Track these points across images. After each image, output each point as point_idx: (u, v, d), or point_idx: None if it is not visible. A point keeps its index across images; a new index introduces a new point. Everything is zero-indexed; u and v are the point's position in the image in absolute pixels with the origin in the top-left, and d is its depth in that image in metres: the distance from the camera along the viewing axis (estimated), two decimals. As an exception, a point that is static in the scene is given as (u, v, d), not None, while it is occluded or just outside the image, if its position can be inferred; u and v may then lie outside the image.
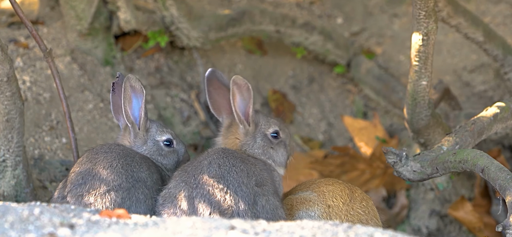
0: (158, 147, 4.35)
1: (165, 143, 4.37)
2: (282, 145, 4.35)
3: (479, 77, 5.85)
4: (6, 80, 4.41)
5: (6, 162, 4.55)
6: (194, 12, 5.59)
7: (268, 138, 4.32)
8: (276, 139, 4.34)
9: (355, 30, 6.17)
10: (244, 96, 4.28)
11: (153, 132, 4.36)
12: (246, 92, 4.26)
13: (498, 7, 6.03)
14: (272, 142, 4.32)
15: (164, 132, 4.38)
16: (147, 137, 4.35)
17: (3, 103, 4.46)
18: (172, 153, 4.40)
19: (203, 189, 3.98)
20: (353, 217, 4.34)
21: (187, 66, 5.80)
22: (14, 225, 3.24)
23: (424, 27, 4.44)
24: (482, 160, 4.12)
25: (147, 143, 4.35)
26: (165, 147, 4.37)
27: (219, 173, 4.01)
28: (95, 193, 4.04)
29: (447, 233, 5.52)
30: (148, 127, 4.35)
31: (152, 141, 4.36)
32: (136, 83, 4.25)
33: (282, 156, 4.35)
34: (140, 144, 4.35)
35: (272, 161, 4.31)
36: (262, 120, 4.36)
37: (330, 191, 4.33)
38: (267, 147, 4.32)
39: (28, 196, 4.64)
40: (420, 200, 5.55)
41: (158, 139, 4.37)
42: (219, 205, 3.95)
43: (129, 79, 4.25)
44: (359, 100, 5.98)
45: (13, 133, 4.52)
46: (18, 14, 4.55)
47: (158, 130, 4.37)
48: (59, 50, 5.39)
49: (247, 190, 4.00)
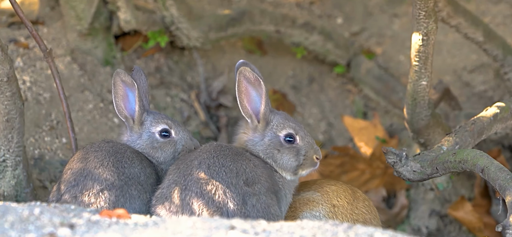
0: (152, 139, 4.29)
1: (162, 133, 4.30)
2: (293, 151, 4.19)
3: (479, 78, 5.85)
4: (6, 80, 4.41)
5: (6, 162, 4.55)
6: (194, 12, 5.59)
7: (279, 139, 4.20)
8: (290, 143, 4.20)
9: (355, 30, 6.17)
10: (258, 91, 4.19)
11: (148, 124, 4.30)
12: (258, 87, 4.18)
13: (498, 7, 6.03)
14: (282, 145, 4.20)
15: (160, 122, 4.28)
16: (142, 130, 4.30)
17: (3, 104, 4.45)
18: (168, 144, 4.30)
19: (192, 191, 3.98)
20: (358, 216, 4.33)
21: (187, 66, 5.80)
22: (14, 225, 3.24)
23: (424, 27, 4.44)
24: (482, 160, 4.12)
25: (142, 137, 4.30)
26: (161, 138, 4.30)
27: (208, 174, 4.00)
28: (89, 193, 4.03)
29: (447, 233, 5.52)
30: (144, 120, 4.30)
31: (147, 133, 4.31)
32: (126, 77, 4.20)
33: (288, 162, 4.19)
34: (135, 138, 4.30)
35: (274, 162, 4.20)
36: (277, 119, 4.22)
37: (334, 191, 4.32)
38: (273, 148, 4.19)
39: (28, 196, 4.64)
40: (420, 200, 5.55)
41: (153, 130, 4.31)
42: (208, 206, 3.94)
43: (118, 74, 4.21)
44: (359, 100, 5.98)
45: (13, 133, 4.52)
46: (18, 14, 4.55)
47: (154, 121, 4.29)
48: (59, 50, 5.39)
49: (236, 190, 3.98)
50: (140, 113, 4.26)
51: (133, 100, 4.23)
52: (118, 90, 4.21)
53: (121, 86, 4.22)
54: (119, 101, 4.23)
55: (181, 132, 4.33)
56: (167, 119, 4.32)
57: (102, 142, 4.24)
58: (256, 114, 4.19)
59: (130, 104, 4.25)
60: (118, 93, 4.21)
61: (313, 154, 4.22)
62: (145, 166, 4.18)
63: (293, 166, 4.20)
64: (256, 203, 3.97)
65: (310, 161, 4.21)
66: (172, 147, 4.30)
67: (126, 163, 4.11)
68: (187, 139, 4.33)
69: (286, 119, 4.25)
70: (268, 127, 4.21)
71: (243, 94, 4.16)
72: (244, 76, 4.15)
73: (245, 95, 4.17)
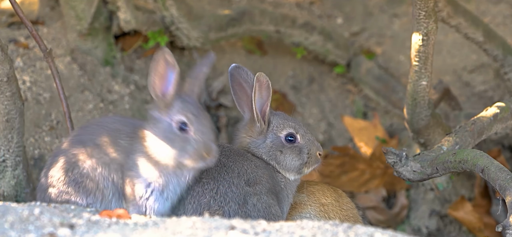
0: (171, 129, 3.99)
1: (181, 126, 3.99)
2: (296, 150, 4.18)
3: (479, 78, 5.85)
4: (6, 81, 4.41)
5: (6, 162, 4.55)
6: (194, 12, 5.59)
7: (280, 140, 4.19)
8: (291, 143, 4.20)
9: (355, 30, 6.17)
10: (263, 95, 4.19)
11: (174, 110, 4.00)
12: (266, 91, 4.18)
13: (498, 7, 6.03)
14: (284, 145, 4.19)
15: (181, 112, 3.97)
16: (166, 114, 4.00)
17: (3, 104, 4.46)
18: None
19: (193, 190, 3.98)
20: (347, 212, 4.34)
21: (187, 66, 5.80)
22: (14, 225, 3.24)
23: (424, 27, 4.44)
24: (482, 160, 4.12)
25: (162, 122, 4.01)
26: (178, 130, 3.97)
27: (209, 174, 4.00)
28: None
29: (447, 233, 5.52)
30: (173, 104, 4.01)
31: (167, 121, 4.11)
32: (170, 57, 3.97)
33: (291, 162, 4.17)
34: (161, 121, 4.01)
35: (277, 163, 4.18)
36: (276, 120, 4.22)
37: (319, 190, 4.32)
38: (275, 149, 4.18)
39: (28, 196, 4.64)
40: (420, 200, 5.55)
41: (174, 118, 4.08)
42: (209, 205, 3.95)
43: (163, 52, 3.95)
44: (359, 100, 5.98)
45: (13, 133, 4.52)
46: (18, 14, 4.55)
47: (180, 109, 3.98)
48: (59, 50, 5.39)
49: (237, 190, 3.98)
50: (172, 97, 4.00)
51: (170, 82, 4.02)
52: (158, 68, 3.99)
53: (163, 65, 3.99)
54: (156, 79, 4.00)
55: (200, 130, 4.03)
56: (189, 112, 4.00)
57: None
58: (263, 116, 4.20)
59: (166, 84, 4.03)
60: (158, 71, 3.98)
61: (315, 151, 4.23)
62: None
63: (297, 165, 4.19)
64: (257, 202, 3.98)
65: (313, 158, 4.22)
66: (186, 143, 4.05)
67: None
68: (207, 139, 4.04)
69: (285, 118, 4.25)
70: (269, 128, 4.21)
71: (256, 99, 4.15)
72: (258, 81, 4.15)
73: (256, 99, 4.18)
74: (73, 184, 4.00)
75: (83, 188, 4.00)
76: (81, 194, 4.00)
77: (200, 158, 3.87)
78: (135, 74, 5.61)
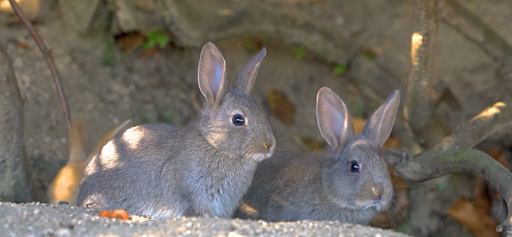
0: (227, 122, 3.97)
1: (236, 119, 3.95)
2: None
3: (480, 78, 5.84)
4: (5, 81, 4.41)
5: (6, 162, 4.55)
6: (194, 12, 5.58)
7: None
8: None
9: (355, 30, 6.16)
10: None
11: (225, 105, 3.96)
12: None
13: (498, 7, 6.03)
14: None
15: (237, 106, 3.96)
16: (219, 110, 3.98)
17: (3, 104, 4.45)
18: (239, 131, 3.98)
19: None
20: None
21: (187, 66, 5.79)
22: (14, 226, 3.24)
23: (425, 27, 4.44)
24: (482, 161, 4.12)
25: (216, 117, 3.99)
26: (234, 123, 3.94)
27: None
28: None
29: (447, 234, 5.52)
30: (224, 99, 3.98)
31: (222, 115, 3.98)
32: (217, 52, 3.92)
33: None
34: (212, 116, 4.01)
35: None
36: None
37: None
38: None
39: (27, 196, 4.64)
40: (420, 200, 5.55)
41: (228, 113, 3.96)
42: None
43: (208, 47, 3.90)
44: (359, 100, 5.98)
45: (13, 133, 4.52)
46: (17, 14, 4.55)
47: (231, 104, 3.96)
48: (59, 50, 5.39)
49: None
50: (223, 92, 3.97)
51: (219, 77, 3.96)
52: (205, 64, 3.93)
53: (209, 60, 3.94)
54: (204, 76, 3.95)
55: (255, 123, 3.98)
56: (244, 105, 3.97)
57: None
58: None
59: (215, 80, 3.98)
60: (205, 67, 3.93)
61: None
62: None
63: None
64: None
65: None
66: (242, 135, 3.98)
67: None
68: (265, 129, 3.97)
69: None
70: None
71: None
72: (326, 98, 4.13)
73: (328, 117, 4.14)
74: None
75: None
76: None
77: (259, 149, 3.87)
78: (135, 74, 5.61)
